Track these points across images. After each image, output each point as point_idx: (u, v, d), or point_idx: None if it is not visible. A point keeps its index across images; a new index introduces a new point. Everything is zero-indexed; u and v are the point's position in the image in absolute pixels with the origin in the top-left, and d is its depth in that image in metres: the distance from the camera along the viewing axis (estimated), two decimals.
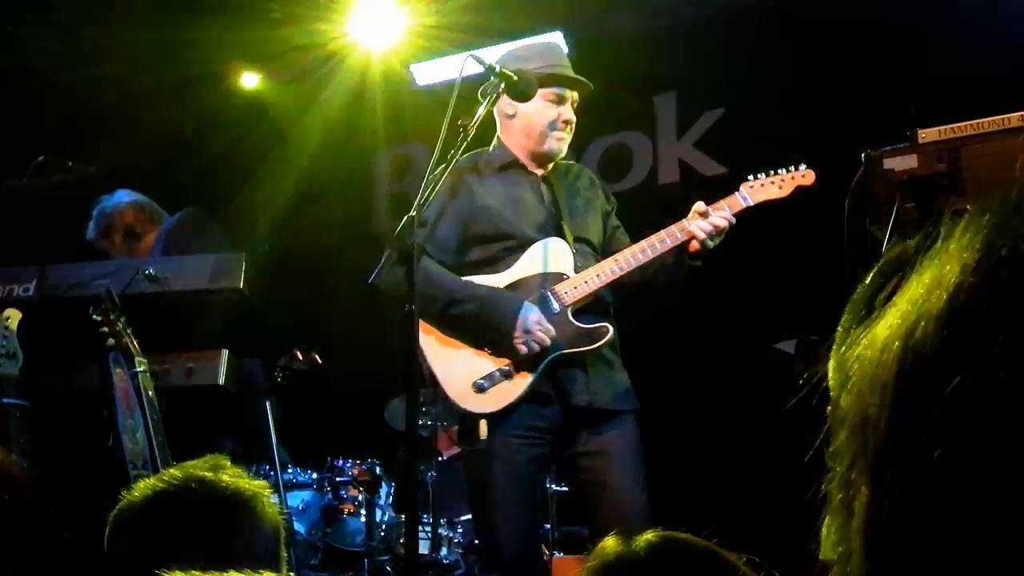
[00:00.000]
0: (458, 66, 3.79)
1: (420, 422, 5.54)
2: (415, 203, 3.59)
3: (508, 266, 3.96)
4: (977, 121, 2.45)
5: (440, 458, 6.20)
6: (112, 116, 7.57)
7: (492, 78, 3.82)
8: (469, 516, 6.12)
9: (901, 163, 2.46)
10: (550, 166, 4.14)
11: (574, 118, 4.09)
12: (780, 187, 3.77)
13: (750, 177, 3.81)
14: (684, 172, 6.99)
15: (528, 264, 3.94)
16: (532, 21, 6.75)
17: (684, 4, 6.60)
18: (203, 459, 1.97)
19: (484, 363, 3.86)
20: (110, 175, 5.34)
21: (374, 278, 3.58)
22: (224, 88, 7.71)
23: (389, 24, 6.27)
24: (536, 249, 3.94)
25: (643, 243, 3.82)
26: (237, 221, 7.61)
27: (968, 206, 0.70)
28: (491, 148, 4.17)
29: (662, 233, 3.79)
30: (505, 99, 4.05)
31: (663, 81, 7.02)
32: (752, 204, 3.79)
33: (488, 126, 3.93)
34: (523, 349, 3.78)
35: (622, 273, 3.81)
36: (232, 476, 1.91)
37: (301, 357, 5.00)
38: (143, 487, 1.92)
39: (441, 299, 3.88)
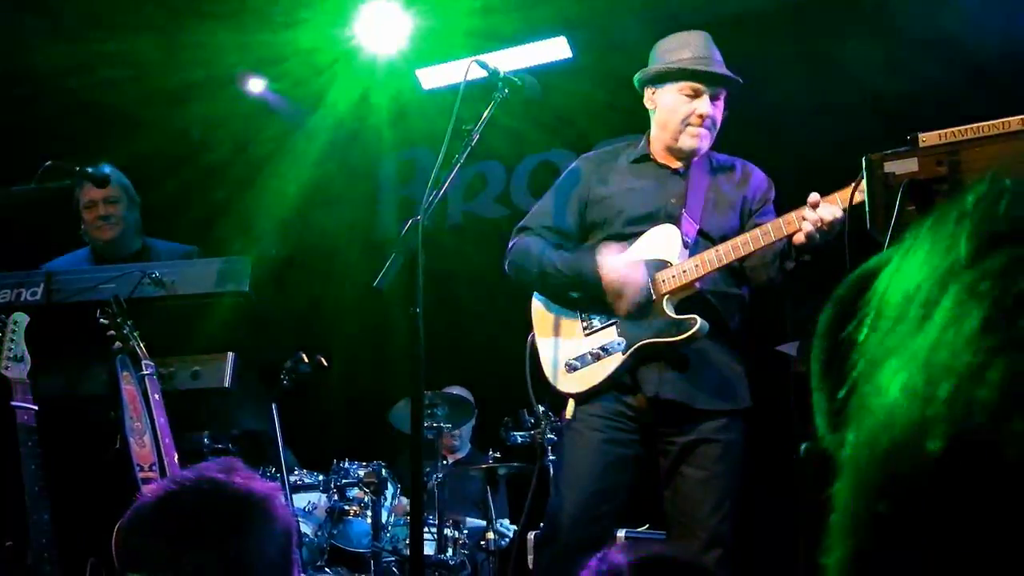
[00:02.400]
0: (463, 71, 3.83)
1: (425, 424, 5.57)
2: (420, 207, 3.63)
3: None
4: (977, 125, 2.46)
5: (445, 462, 6.22)
6: (119, 121, 7.59)
7: (498, 83, 3.86)
8: (474, 521, 6.16)
9: (902, 167, 2.48)
10: (693, 160, 4.06)
11: (712, 112, 3.97)
12: None
13: None
14: None
15: (635, 251, 3.94)
16: (538, 25, 6.77)
17: (689, 9, 6.60)
18: (215, 461, 1.99)
19: (580, 345, 3.94)
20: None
21: (379, 282, 3.60)
22: (230, 92, 7.73)
23: (395, 29, 6.29)
24: (646, 236, 3.94)
25: (746, 235, 3.70)
26: (243, 225, 7.65)
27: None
28: (642, 139, 4.18)
29: (767, 225, 3.66)
30: (647, 92, 4.10)
31: None
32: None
33: (493, 129, 3.95)
34: (620, 309, 3.84)
35: (720, 264, 3.72)
36: (244, 478, 1.93)
37: (307, 360, 5.02)
38: (155, 488, 1.94)
39: (535, 269, 4.03)
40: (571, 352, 3.95)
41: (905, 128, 2.65)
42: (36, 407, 4.00)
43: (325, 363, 5.01)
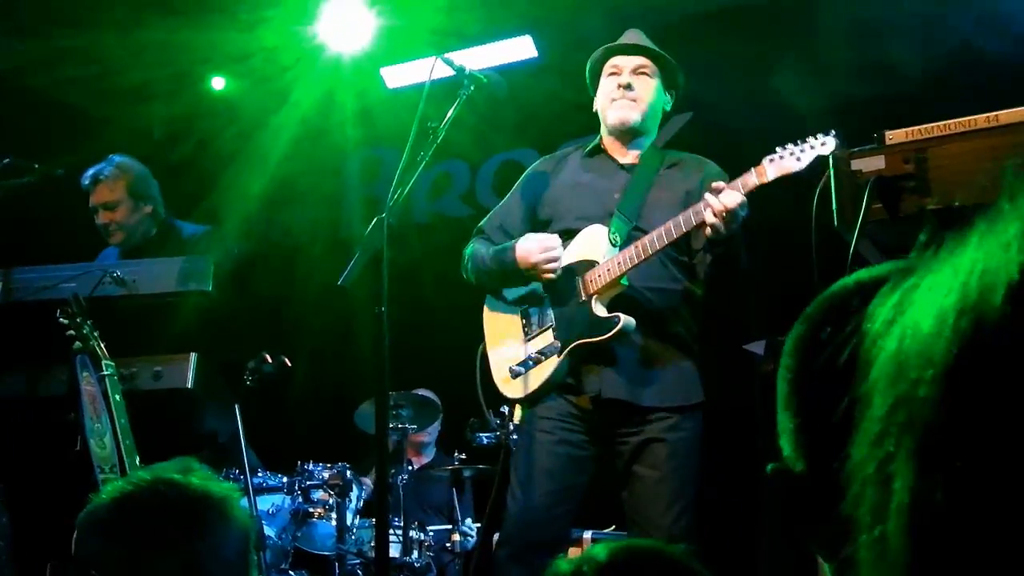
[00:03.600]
0: (428, 69, 3.80)
1: (390, 425, 5.53)
2: (386, 205, 3.60)
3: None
4: (944, 123, 2.47)
5: (411, 467, 6.19)
6: (80, 118, 7.51)
7: (463, 80, 3.84)
8: (438, 527, 6.13)
9: (869, 164, 2.48)
10: (639, 152, 4.07)
11: (632, 81, 4.02)
12: (799, 159, 3.43)
13: (777, 149, 3.49)
14: None
15: (570, 252, 3.95)
16: (503, 24, 6.76)
17: (654, 9, 6.60)
18: (172, 462, 1.96)
19: (522, 351, 3.96)
20: (77, 177, 5.29)
21: (344, 279, 3.57)
22: (193, 90, 7.66)
23: (359, 27, 6.24)
24: (578, 238, 3.95)
25: (661, 229, 3.68)
26: (206, 224, 7.57)
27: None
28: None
29: (679, 217, 3.64)
30: (595, 99, 4.15)
31: None
32: (768, 180, 3.48)
33: (458, 129, 3.92)
34: (542, 277, 3.89)
35: (639, 260, 3.70)
36: (201, 479, 1.91)
37: (270, 360, 4.97)
38: (111, 489, 1.91)
39: (473, 270, 4.12)
40: (515, 358, 3.98)
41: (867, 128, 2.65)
42: None
43: (288, 363, 4.97)
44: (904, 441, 0.63)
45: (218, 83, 7.63)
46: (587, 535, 5.33)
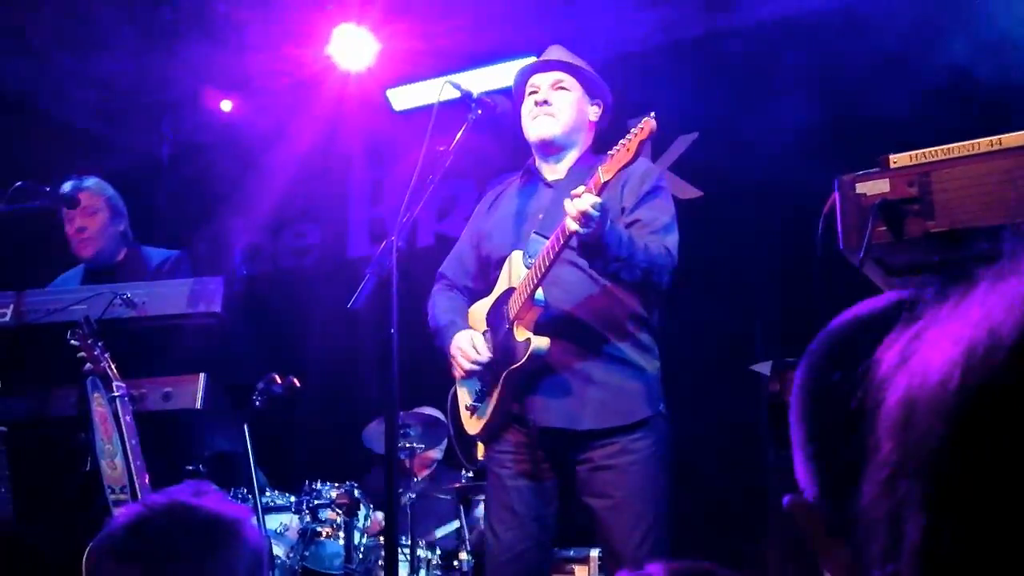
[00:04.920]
0: (435, 91, 3.83)
1: (398, 444, 5.54)
2: (396, 227, 3.62)
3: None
4: (947, 146, 2.49)
5: (415, 480, 6.20)
6: (87, 141, 7.56)
7: (471, 104, 3.86)
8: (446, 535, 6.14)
9: (873, 187, 2.50)
10: (568, 166, 4.00)
11: (547, 95, 3.97)
12: (628, 150, 3.37)
13: (616, 145, 3.42)
14: None
15: (499, 283, 3.91)
16: (508, 47, 6.79)
17: (659, 29, 6.65)
18: (185, 484, 1.98)
19: (474, 388, 3.92)
20: None
21: (354, 303, 3.59)
22: (201, 111, 7.71)
23: (365, 49, 6.29)
24: (503, 268, 3.90)
25: (546, 244, 3.58)
26: (213, 246, 7.62)
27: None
28: None
29: (557, 229, 3.50)
30: None
31: (638, 105, 7.06)
32: (611, 176, 3.38)
33: (464, 149, 3.94)
34: (455, 373, 3.91)
35: (535, 282, 3.58)
36: (215, 501, 1.93)
37: (279, 381, 4.99)
38: (126, 512, 1.93)
39: (431, 325, 4.07)
40: (472, 395, 3.93)
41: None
42: (5, 429, 3.97)
43: (297, 384, 4.99)
44: (915, 487, 0.65)
45: (226, 105, 7.67)
46: (594, 553, 5.34)
